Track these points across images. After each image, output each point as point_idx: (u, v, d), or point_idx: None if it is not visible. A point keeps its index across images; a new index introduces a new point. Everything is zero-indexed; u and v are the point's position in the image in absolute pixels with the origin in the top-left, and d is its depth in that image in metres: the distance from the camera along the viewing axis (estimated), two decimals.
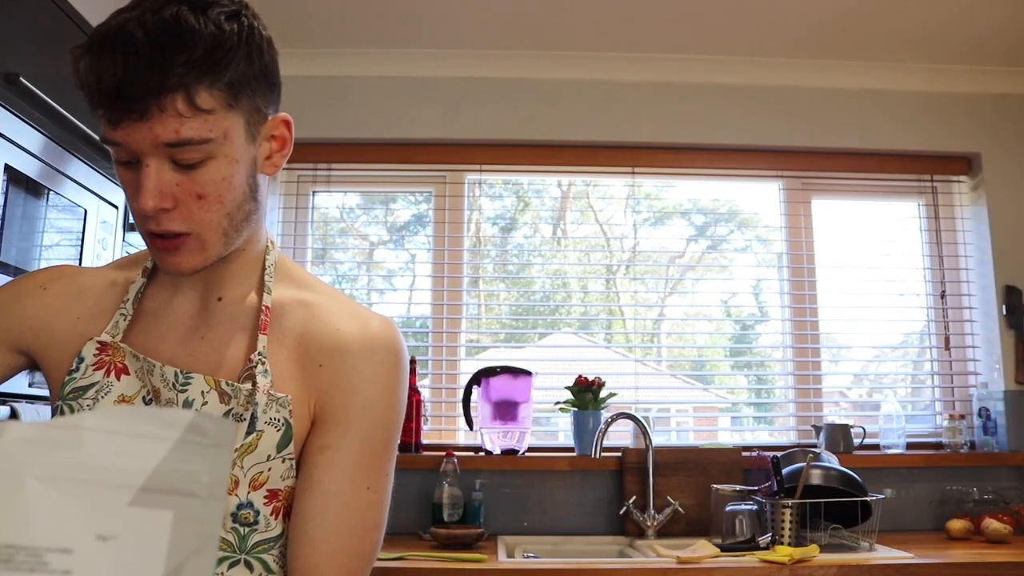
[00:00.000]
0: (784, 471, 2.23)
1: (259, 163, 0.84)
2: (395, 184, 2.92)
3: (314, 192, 2.87)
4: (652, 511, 2.40)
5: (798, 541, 2.10)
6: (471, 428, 2.58)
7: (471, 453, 2.55)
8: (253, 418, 0.82)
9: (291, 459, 0.84)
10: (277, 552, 0.83)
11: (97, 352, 0.85)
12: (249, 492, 0.82)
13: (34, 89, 1.50)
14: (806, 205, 2.88)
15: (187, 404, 0.81)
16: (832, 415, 2.85)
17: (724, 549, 2.06)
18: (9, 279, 1.43)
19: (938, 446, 2.71)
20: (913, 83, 2.82)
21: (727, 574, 1.87)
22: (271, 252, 0.93)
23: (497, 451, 2.54)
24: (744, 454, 2.54)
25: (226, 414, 0.82)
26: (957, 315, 2.83)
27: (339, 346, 0.86)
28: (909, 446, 2.68)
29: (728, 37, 2.63)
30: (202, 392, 0.83)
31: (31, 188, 1.51)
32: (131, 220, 0.87)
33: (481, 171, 2.85)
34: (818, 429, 2.64)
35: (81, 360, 0.85)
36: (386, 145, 2.78)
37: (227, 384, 0.83)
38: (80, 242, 1.69)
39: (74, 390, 0.84)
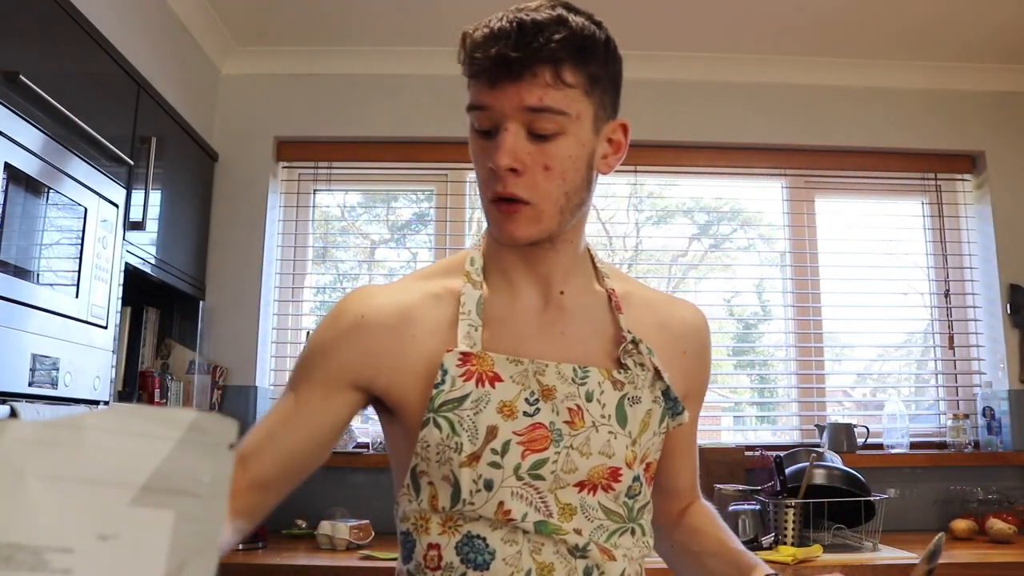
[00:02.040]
0: (787, 471, 2.22)
1: (597, 158, 0.89)
2: (396, 182, 2.91)
3: (315, 191, 2.86)
4: None
5: (801, 541, 2.09)
6: None
7: None
8: (672, 398, 0.91)
9: (663, 434, 0.92)
10: (647, 515, 0.91)
11: (460, 363, 0.85)
12: (639, 466, 0.89)
13: (34, 87, 1.50)
14: (809, 203, 2.88)
15: (588, 395, 0.86)
16: (835, 414, 2.84)
17: None
18: (9, 277, 1.43)
19: (942, 446, 2.70)
20: (917, 81, 2.82)
21: None
22: (594, 252, 1.00)
23: None
24: (747, 454, 2.53)
25: (621, 399, 0.88)
26: (961, 314, 2.82)
27: (697, 333, 0.99)
28: (913, 446, 2.66)
29: (731, 35, 2.63)
30: (599, 383, 0.87)
31: (31, 186, 1.50)
32: (477, 192, 0.90)
33: None
34: (821, 428, 2.63)
35: (445, 372, 0.84)
36: (387, 143, 2.77)
37: (618, 372, 0.89)
38: (80, 241, 1.68)
39: (446, 402, 0.84)
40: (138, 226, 2.00)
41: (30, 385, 1.48)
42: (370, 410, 0.94)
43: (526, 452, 0.83)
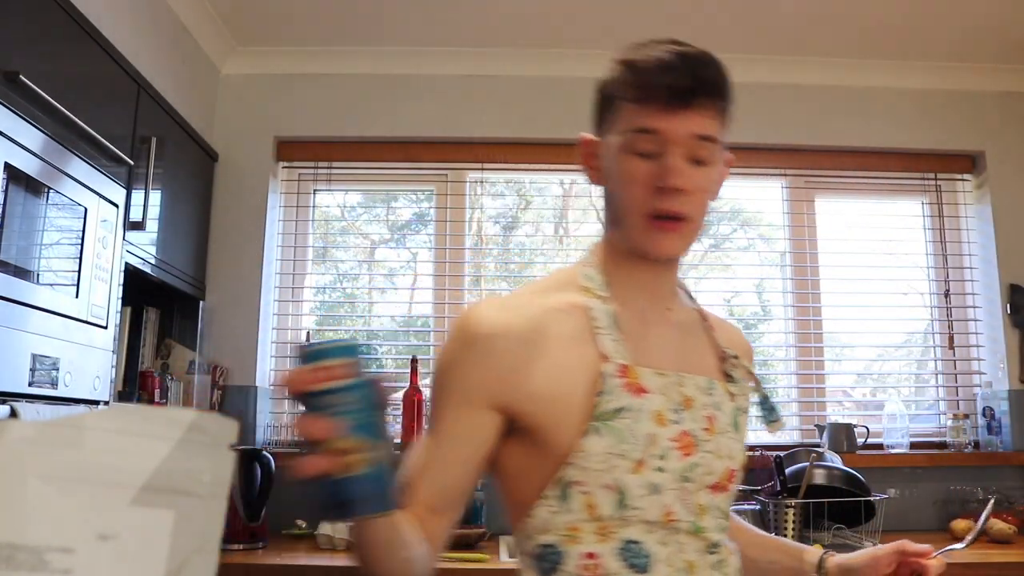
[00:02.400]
0: (787, 471, 2.22)
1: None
2: (396, 182, 2.91)
3: (315, 191, 2.86)
4: None
5: (801, 541, 2.09)
6: None
7: None
8: (770, 406, 1.03)
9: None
10: None
11: (620, 374, 0.88)
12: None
13: (34, 87, 1.50)
14: (809, 203, 2.88)
15: (717, 405, 0.94)
16: (835, 414, 2.84)
17: None
18: (9, 277, 1.43)
19: (942, 446, 2.70)
20: (917, 81, 2.81)
21: None
22: None
23: None
24: (747, 453, 2.53)
25: (735, 410, 0.97)
26: (961, 314, 2.82)
27: (750, 352, 1.12)
28: (913, 446, 2.66)
29: (730, 35, 2.63)
30: (722, 394, 0.96)
31: (31, 186, 1.50)
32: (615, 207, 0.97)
33: (483, 169, 2.84)
34: (821, 428, 2.63)
35: (605, 381, 0.87)
36: (387, 143, 2.77)
37: (732, 385, 0.99)
38: (80, 241, 1.68)
39: (610, 411, 0.87)
40: (138, 226, 2.00)
41: (30, 385, 1.48)
42: None
43: (682, 457, 0.89)
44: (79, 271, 1.68)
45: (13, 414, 1.40)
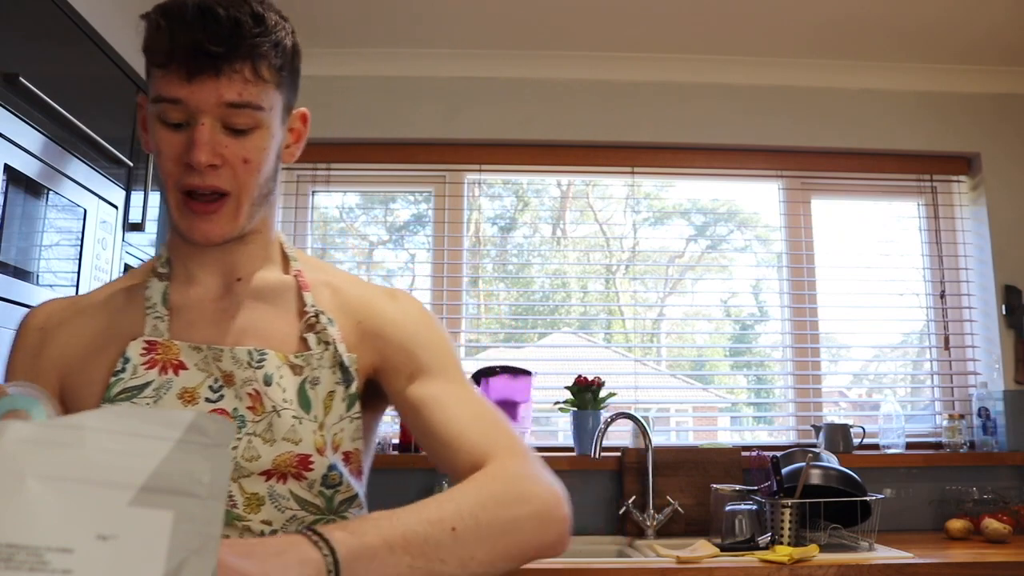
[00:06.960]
0: (784, 471, 2.23)
1: (281, 148, 0.91)
2: (395, 184, 2.92)
3: (314, 192, 2.86)
4: (652, 511, 2.40)
5: (798, 541, 2.10)
6: None
7: None
8: (345, 370, 0.88)
9: (358, 419, 0.88)
10: (356, 510, 0.88)
11: (145, 351, 0.85)
12: (333, 453, 0.85)
13: (34, 89, 1.50)
14: (805, 205, 2.88)
15: (267, 379, 0.84)
16: (832, 415, 2.85)
17: (724, 549, 2.06)
18: (9, 278, 1.43)
19: (937, 446, 2.71)
20: (912, 83, 2.83)
21: (726, 574, 1.87)
22: (284, 239, 1.00)
23: None
24: (744, 454, 2.54)
25: (302, 384, 0.86)
26: (956, 315, 2.83)
27: (369, 303, 0.94)
28: (909, 446, 2.68)
29: (728, 37, 2.63)
30: (277, 367, 0.86)
31: (31, 188, 1.51)
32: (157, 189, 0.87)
33: (481, 171, 2.84)
34: (817, 429, 2.64)
35: (127, 360, 0.84)
36: (386, 145, 2.78)
37: (296, 356, 0.87)
38: (79, 242, 1.69)
39: (125, 390, 0.83)
40: (137, 227, 2.00)
41: None
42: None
43: None
44: (78, 272, 1.68)
45: None
